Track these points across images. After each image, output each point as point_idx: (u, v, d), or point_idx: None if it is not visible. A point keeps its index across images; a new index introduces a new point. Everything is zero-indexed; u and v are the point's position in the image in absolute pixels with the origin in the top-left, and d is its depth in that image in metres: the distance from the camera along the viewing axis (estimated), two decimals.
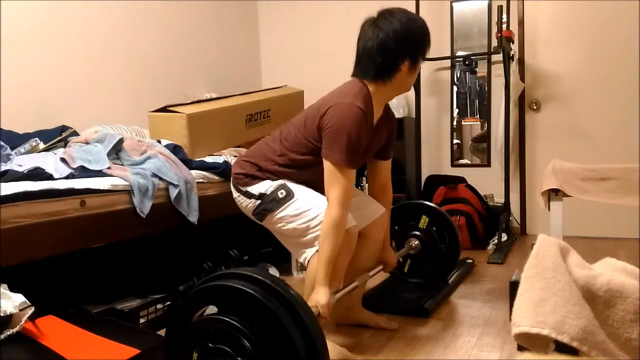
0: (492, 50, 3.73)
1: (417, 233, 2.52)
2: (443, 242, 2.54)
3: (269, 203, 1.83)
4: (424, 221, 2.53)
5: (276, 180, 1.86)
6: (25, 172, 1.85)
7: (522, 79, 3.82)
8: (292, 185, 1.84)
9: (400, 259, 2.44)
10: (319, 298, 1.61)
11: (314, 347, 1.14)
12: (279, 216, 1.82)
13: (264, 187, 1.86)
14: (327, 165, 1.73)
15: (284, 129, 1.94)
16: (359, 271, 2.03)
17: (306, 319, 1.15)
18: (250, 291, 1.16)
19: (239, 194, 1.93)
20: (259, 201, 1.86)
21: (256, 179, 1.89)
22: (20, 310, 1.50)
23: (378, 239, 2.08)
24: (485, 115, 4.06)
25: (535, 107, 3.89)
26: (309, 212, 1.77)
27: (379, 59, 1.78)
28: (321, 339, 1.17)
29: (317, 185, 1.80)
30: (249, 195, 1.89)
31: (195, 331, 1.20)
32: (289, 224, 1.81)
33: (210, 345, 1.15)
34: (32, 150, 2.34)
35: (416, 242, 2.51)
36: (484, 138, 4.07)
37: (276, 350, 1.12)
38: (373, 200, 2.11)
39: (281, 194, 1.82)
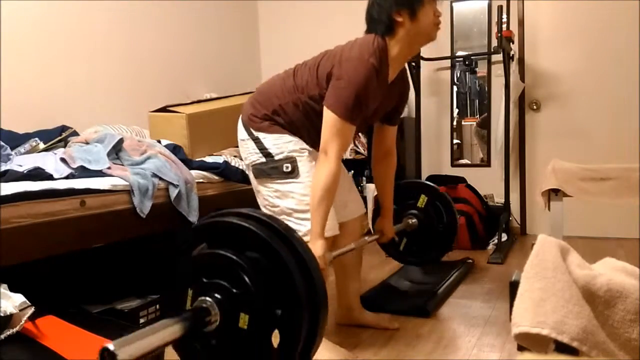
0: (492, 50, 3.73)
1: (415, 212, 2.49)
2: (441, 222, 2.50)
3: (271, 169, 1.81)
4: (422, 200, 2.49)
5: (287, 134, 1.81)
6: (25, 172, 1.85)
7: (522, 79, 3.82)
8: (301, 163, 1.79)
9: (396, 238, 2.41)
10: (315, 250, 1.59)
11: (310, 277, 1.11)
12: (273, 187, 1.81)
13: (275, 147, 1.81)
14: (328, 116, 1.70)
15: (298, 68, 1.89)
16: (348, 267, 2.06)
17: (301, 250, 1.12)
18: (245, 224, 1.13)
19: (249, 137, 1.86)
20: (264, 159, 1.82)
21: (269, 123, 1.82)
22: (20, 310, 1.50)
23: (355, 231, 2.07)
24: (484, 118, 4.05)
25: (535, 107, 3.89)
26: (301, 201, 1.75)
27: (376, 16, 1.78)
28: (317, 269, 1.13)
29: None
30: (259, 144, 1.83)
31: (188, 270, 1.17)
32: (277, 198, 1.80)
33: (204, 280, 1.12)
34: (32, 150, 2.34)
35: (413, 220, 2.47)
36: (487, 124, 4.06)
37: (273, 281, 1.10)
38: (356, 201, 2.11)
39: (286, 167, 1.78)
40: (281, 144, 1.82)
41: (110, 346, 0.88)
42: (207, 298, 1.10)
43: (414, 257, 2.57)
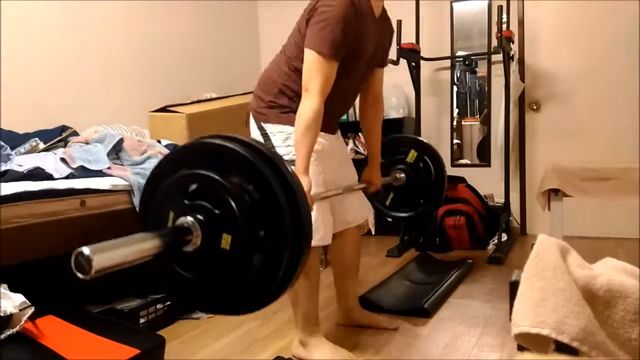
0: (492, 50, 3.72)
1: (404, 167, 2.41)
2: (429, 179, 2.45)
3: None
4: (412, 155, 2.42)
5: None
6: (25, 172, 1.85)
7: (522, 79, 3.82)
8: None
9: (382, 192, 2.37)
10: None
11: (295, 202, 1.08)
12: None
13: (284, 146, 1.79)
14: (308, 55, 1.68)
15: (284, 45, 1.89)
16: (346, 269, 2.07)
17: (287, 175, 1.09)
18: (230, 145, 1.10)
19: (259, 134, 1.86)
20: None
21: (277, 111, 1.81)
22: (20, 310, 1.50)
23: (354, 237, 2.08)
24: (486, 116, 4.05)
25: (535, 107, 3.89)
26: None
27: None
28: (302, 195, 1.10)
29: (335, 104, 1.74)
30: (268, 142, 1.81)
31: (169, 190, 1.13)
32: None
33: (186, 202, 1.09)
34: (32, 150, 2.34)
35: (402, 175, 2.40)
36: (487, 121, 4.06)
37: (257, 204, 1.07)
38: (359, 208, 2.08)
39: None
40: (290, 141, 1.79)
41: (86, 250, 0.85)
42: (189, 218, 1.06)
43: (400, 212, 2.49)
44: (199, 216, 1.06)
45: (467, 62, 3.94)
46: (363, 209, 2.11)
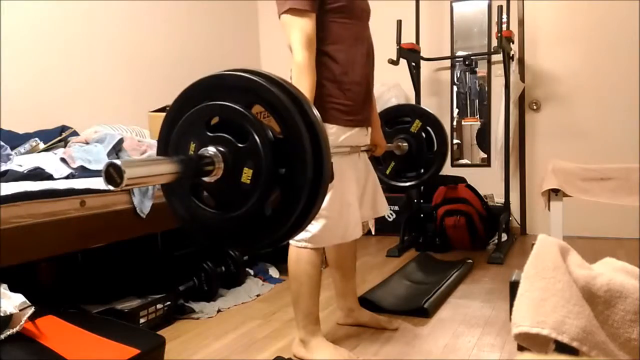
0: (492, 50, 3.72)
1: (406, 136, 2.39)
2: (431, 150, 2.43)
3: None
4: (416, 125, 2.39)
5: (332, 125, 1.75)
6: (25, 172, 1.85)
7: (522, 79, 3.82)
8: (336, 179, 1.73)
9: (383, 162, 2.38)
10: None
11: (317, 138, 1.07)
12: None
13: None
14: (283, 20, 1.69)
15: None
16: (345, 269, 2.07)
17: (311, 113, 1.08)
18: (255, 79, 1.09)
19: None
20: None
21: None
22: (20, 310, 1.50)
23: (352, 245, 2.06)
24: (485, 115, 4.05)
25: (535, 107, 3.89)
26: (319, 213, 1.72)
27: None
28: (324, 132, 1.09)
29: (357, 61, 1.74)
30: None
31: (191, 122, 1.11)
32: None
33: (209, 134, 1.07)
34: (32, 150, 2.34)
35: (404, 144, 2.38)
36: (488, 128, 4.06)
37: (280, 140, 1.06)
38: (374, 203, 2.07)
39: None
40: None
41: (117, 162, 0.88)
42: (211, 148, 1.06)
43: (399, 182, 2.48)
44: (221, 148, 1.05)
45: (467, 62, 3.94)
46: (378, 206, 2.08)
